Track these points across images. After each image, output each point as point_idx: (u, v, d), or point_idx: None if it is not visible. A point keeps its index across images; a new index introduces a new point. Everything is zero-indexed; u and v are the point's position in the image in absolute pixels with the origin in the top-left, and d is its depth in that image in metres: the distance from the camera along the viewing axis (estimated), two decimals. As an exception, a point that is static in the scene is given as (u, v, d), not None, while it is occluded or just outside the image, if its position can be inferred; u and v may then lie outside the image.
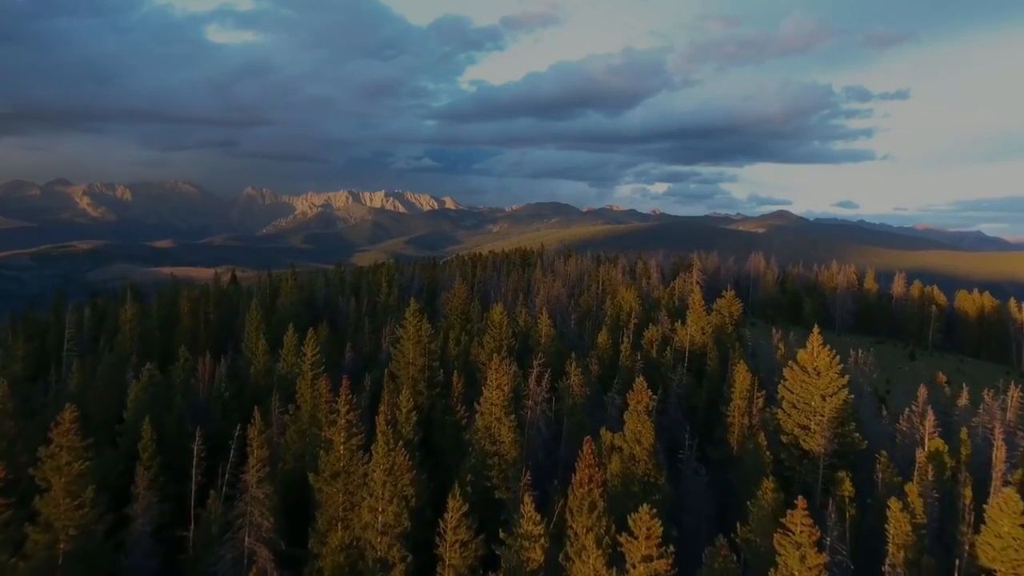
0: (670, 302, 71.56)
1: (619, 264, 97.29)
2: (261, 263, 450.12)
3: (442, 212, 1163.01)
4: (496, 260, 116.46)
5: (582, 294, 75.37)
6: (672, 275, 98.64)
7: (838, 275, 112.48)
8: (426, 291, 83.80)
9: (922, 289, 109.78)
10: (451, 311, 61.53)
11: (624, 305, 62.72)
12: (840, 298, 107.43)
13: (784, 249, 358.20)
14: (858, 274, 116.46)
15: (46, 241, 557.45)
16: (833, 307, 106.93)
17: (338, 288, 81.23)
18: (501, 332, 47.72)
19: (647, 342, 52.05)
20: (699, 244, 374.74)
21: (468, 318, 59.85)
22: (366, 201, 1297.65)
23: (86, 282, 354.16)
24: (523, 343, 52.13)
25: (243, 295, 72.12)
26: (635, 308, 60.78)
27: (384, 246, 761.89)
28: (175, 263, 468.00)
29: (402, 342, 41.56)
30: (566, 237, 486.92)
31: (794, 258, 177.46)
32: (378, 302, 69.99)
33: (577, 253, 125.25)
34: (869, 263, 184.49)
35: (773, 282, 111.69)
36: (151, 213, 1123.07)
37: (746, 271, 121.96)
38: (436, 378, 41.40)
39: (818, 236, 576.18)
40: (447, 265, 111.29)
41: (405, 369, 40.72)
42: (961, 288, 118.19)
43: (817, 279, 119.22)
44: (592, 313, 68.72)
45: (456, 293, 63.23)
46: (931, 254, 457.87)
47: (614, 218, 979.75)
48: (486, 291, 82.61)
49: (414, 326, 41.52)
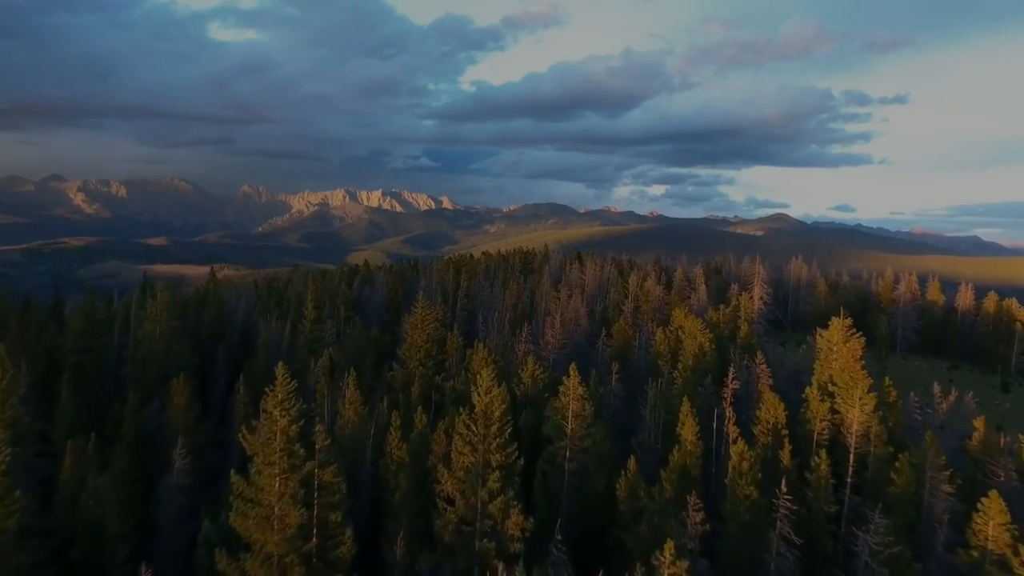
0: (733, 330, 50.79)
1: (650, 271, 77.79)
2: (255, 261, 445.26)
3: (439, 212, 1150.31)
4: (490, 264, 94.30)
5: (606, 310, 57.71)
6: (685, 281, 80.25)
7: (900, 285, 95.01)
8: (391, 309, 61.12)
9: (999, 303, 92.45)
10: (410, 352, 42.09)
11: (689, 343, 42.38)
12: (903, 313, 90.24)
13: (782, 252, 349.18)
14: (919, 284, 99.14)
15: (39, 237, 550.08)
16: (894, 323, 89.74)
17: (265, 302, 58.18)
18: (489, 421, 25.98)
19: (764, 425, 32.14)
20: (697, 246, 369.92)
21: (439, 363, 42.31)
22: (363, 200, 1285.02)
23: (76, 279, 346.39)
24: (531, 434, 32.73)
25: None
26: (708, 348, 41.86)
27: (380, 245, 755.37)
28: (168, 261, 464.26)
29: (260, 458, 21.38)
30: (564, 238, 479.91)
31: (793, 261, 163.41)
32: (300, 331, 47.77)
33: (593, 254, 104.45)
34: (868, 267, 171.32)
35: (826, 293, 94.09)
36: (146, 210, 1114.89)
37: (786, 278, 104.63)
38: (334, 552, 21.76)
39: (816, 239, 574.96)
40: (426, 270, 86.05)
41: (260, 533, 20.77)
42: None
43: (870, 289, 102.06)
44: (633, 354, 48.17)
45: (419, 322, 42.52)
46: (930, 259, 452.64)
47: (612, 219, 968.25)
48: (473, 311, 60.77)
49: (278, 427, 21.24)
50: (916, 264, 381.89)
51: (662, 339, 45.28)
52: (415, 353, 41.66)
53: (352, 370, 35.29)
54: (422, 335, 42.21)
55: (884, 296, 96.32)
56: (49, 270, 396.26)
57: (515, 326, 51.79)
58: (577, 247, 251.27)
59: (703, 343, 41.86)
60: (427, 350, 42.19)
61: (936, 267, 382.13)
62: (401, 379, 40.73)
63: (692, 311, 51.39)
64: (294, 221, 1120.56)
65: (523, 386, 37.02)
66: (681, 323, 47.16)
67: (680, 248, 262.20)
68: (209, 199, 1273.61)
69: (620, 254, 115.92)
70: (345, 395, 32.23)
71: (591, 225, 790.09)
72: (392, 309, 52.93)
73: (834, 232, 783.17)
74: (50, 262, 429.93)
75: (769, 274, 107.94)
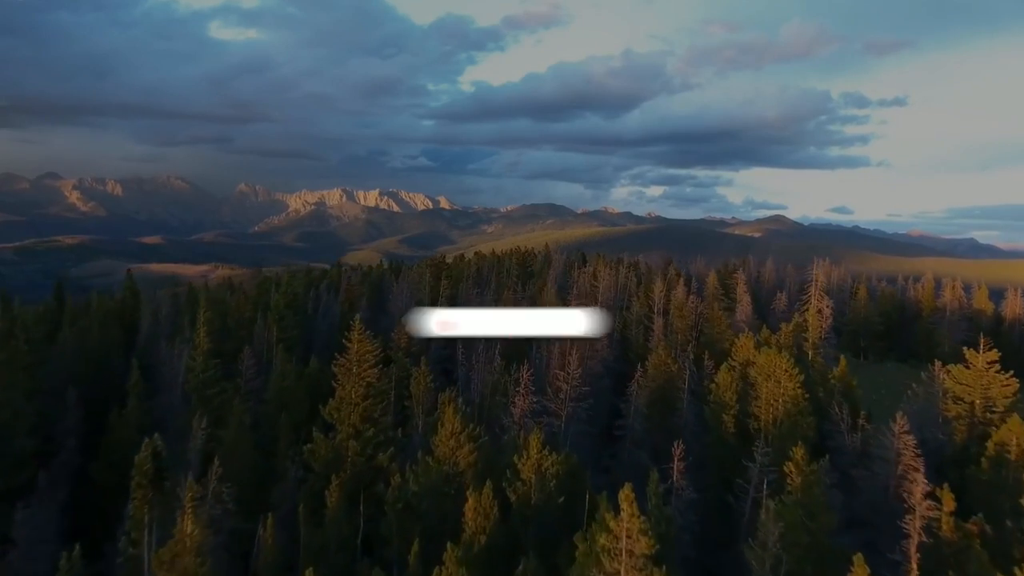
0: (820, 368, 36.68)
1: (672, 275, 63.38)
2: (251, 260, 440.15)
3: (436, 212, 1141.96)
4: (482, 266, 76.56)
5: (626, 327, 46.00)
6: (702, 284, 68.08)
7: (946, 292, 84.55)
8: (343, 329, 37.69)
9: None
10: (339, 412, 26.99)
11: (768, 390, 29.36)
12: (950, 323, 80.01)
13: (781, 254, 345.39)
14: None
15: (33, 235, 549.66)
16: (940, 334, 79.52)
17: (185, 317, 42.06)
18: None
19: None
20: (696, 247, 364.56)
21: (383, 429, 27.53)
22: (360, 199, 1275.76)
23: (69, 278, 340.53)
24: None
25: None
26: (801, 401, 28.35)
27: (377, 245, 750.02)
28: (163, 259, 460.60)
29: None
30: (561, 238, 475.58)
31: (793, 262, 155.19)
32: (192, 367, 31.24)
33: (603, 255, 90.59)
34: (867, 269, 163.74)
35: (866, 301, 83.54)
36: (142, 209, 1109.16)
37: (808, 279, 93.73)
38: None
39: (814, 241, 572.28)
40: (401, 274, 66.13)
41: None
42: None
43: (907, 295, 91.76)
44: (680, 401, 33.87)
45: (353, 362, 27.24)
46: (929, 261, 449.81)
47: (610, 220, 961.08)
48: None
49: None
50: (917, 266, 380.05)
51: (726, 381, 31.37)
52: (346, 415, 26.44)
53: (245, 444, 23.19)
54: (357, 385, 26.82)
55: (926, 304, 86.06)
56: (42, 269, 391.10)
57: (511, 359, 36.19)
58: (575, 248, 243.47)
59: (794, 393, 28.12)
60: (364, 410, 26.70)
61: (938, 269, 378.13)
62: (324, 458, 25.49)
63: (750, 333, 38.16)
64: (291, 220, 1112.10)
65: (524, 486, 22.68)
66: (750, 357, 33.64)
67: (678, 249, 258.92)
68: (206, 198, 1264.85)
69: (619, 254, 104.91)
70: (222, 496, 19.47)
71: (589, 226, 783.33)
72: (343, 329, 36.10)
73: (831, 234, 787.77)
74: (42, 261, 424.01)
75: (778, 276, 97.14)
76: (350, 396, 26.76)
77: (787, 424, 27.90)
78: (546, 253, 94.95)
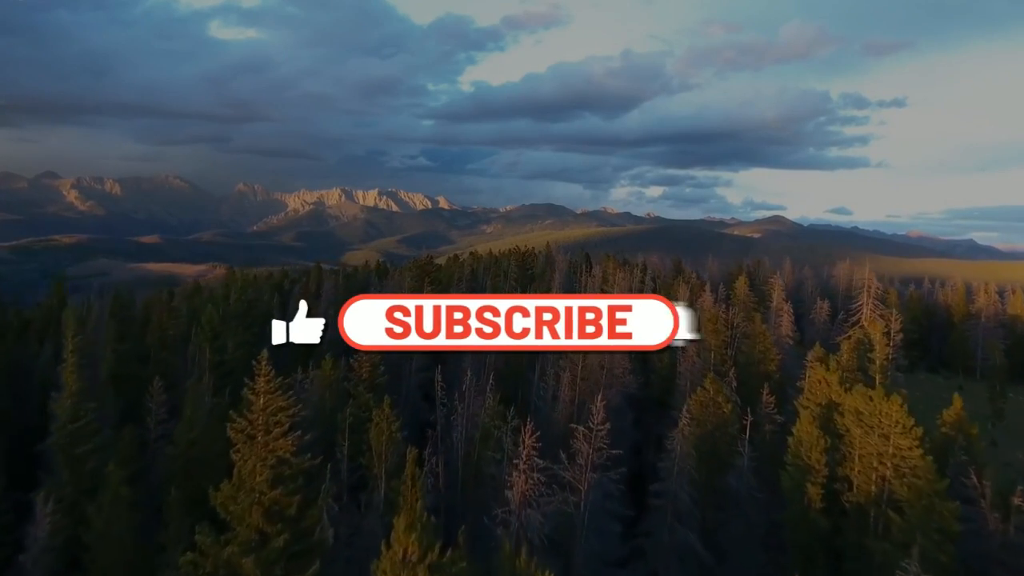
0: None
1: (696, 282, 56.41)
2: (250, 260, 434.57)
3: (436, 211, 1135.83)
4: (477, 268, 67.12)
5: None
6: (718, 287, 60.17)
7: (979, 296, 78.60)
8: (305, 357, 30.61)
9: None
10: (235, 508, 15.98)
11: (862, 447, 21.29)
12: (986, 330, 74.13)
13: (780, 254, 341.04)
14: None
15: (31, 234, 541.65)
16: (974, 343, 73.73)
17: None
18: None
19: None
20: (695, 247, 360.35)
21: (301, 530, 16.44)
22: (359, 199, 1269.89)
23: (65, 277, 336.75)
24: None
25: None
26: (919, 460, 19.33)
27: (376, 245, 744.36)
28: (160, 259, 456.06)
29: None
30: (561, 239, 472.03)
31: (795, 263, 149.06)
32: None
33: (613, 256, 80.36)
34: (867, 269, 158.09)
35: (897, 307, 77.70)
36: (140, 208, 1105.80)
37: (833, 281, 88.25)
38: None
39: (813, 241, 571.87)
40: (388, 276, 57.82)
41: None
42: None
43: (934, 300, 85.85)
44: (738, 457, 24.42)
45: (259, 425, 16.34)
46: (929, 262, 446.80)
47: (609, 220, 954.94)
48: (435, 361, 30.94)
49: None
50: (917, 267, 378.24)
51: (810, 435, 22.25)
52: (245, 511, 15.96)
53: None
54: (263, 464, 16.32)
55: (957, 310, 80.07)
56: (39, 268, 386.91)
57: (508, 400, 27.11)
58: (575, 248, 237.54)
59: (914, 456, 19.50)
60: (272, 503, 16.16)
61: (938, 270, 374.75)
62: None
63: (814, 361, 29.19)
64: (289, 220, 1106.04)
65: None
66: (844, 402, 24.52)
67: (678, 250, 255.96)
68: (204, 197, 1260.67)
69: (619, 254, 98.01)
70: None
71: (588, 226, 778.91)
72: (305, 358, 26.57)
73: (831, 234, 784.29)
74: (39, 260, 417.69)
75: (796, 278, 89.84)
76: (251, 480, 16.24)
77: (919, 509, 19.22)
78: (547, 253, 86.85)
